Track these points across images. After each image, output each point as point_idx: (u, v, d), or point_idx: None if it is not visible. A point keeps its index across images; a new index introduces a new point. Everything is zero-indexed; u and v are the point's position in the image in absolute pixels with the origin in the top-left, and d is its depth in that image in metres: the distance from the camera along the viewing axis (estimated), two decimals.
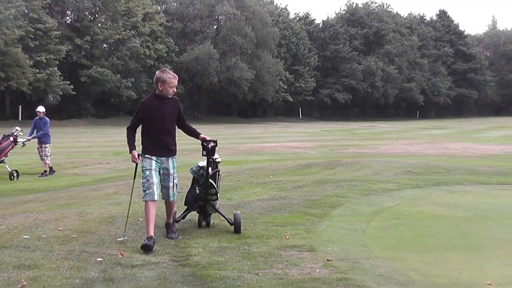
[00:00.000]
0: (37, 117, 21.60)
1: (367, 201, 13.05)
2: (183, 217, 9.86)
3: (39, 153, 21.44)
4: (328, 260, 7.94)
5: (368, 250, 8.74)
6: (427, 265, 8.01)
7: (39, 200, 13.80)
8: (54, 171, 21.49)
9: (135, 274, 7.27)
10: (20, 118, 68.64)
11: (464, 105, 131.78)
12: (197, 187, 9.77)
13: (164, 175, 8.99)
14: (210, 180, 9.54)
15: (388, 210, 12.27)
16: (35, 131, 21.52)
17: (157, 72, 8.90)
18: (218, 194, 9.88)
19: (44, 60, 68.32)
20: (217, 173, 9.88)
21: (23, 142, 21.05)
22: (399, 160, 22.87)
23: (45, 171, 21.12)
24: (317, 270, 7.49)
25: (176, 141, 9.18)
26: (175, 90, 8.96)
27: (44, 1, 71.71)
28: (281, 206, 11.94)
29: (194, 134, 9.37)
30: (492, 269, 7.87)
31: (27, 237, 9.11)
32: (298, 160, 24.23)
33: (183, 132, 9.52)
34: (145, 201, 8.74)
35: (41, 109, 21.76)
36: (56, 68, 69.93)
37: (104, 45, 78.09)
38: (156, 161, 8.83)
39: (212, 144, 9.34)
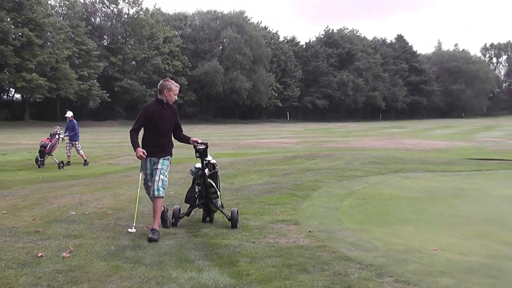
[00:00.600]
0: (68, 120, 21.50)
1: (340, 185, 13.06)
2: (187, 214, 8.72)
3: (67, 147, 21.31)
4: (309, 231, 7.95)
5: (341, 224, 8.76)
6: (387, 235, 8.03)
7: (83, 184, 13.81)
8: (70, 164, 21.00)
9: (157, 242, 7.30)
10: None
11: (417, 110, 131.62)
12: (196, 186, 8.62)
13: (152, 171, 7.91)
14: (209, 180, 8.44)
15: (357, 192, 12.28)
16: (68, 131, 21.41)
17: (162, 81, 8.17)
18: (219, 193, 8.65)
19: (86, 74, 69.18)
20: (216, 173, 8.67)
21: (62, 138, 21.05)
22: (366, 152, 22.91)
23: (85, 160, 21.04)
24: (301, 240, 7.51)
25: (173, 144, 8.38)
26: (176, 98, 8.28)
27: (86, 28, 73.20)
28: (273, 189, 11.94)
29: (186, 140, 8.30)
30: (437, 238, 7.91)
31: (74, 213, 9.17)
32: (286, 153, 24.23)
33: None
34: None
35: (69, 114, 21.66)
36: (95, 80, 70.69)
37: (133, 62, 78.28)
38: (149, 162, 7.91)
39: (202, 146, 8.31)
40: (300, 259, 6.45)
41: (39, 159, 19.71)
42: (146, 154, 7.80)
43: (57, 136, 20.66)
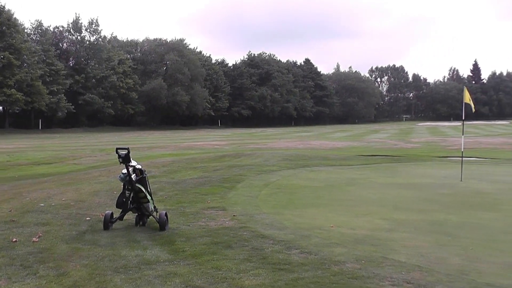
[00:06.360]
0: None
1: (259, 178, 13.19)
2: (120, 218, 7.30)
3: None
4: (234, 215, 8.02)
5: (259, 209, 8.85)
6: (295, 217, 8.19)
7: (51, 181, 13.43)
8: None
9: (111, 227, 7.20)
10: (40, 127, 69.16)
11: (321, 117, 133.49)
12: (127, 191, 7.19)
13: None
14: (138, 185, 7.13)
15: (273, 183, 12.43)
16: None
17: None
18: (149, 197, 7.29)
19: (56, 89, 68.55)
20: (145, 178, 7.31)
21: None
22: (280, 152, 23.16)
23: None
24: (227, 222, 7.57)
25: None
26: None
27: (56, 52, 73.83)
28: (205, 182, 11.97)
29: None
30: (334, 218, 8.12)
31: (43, 205, 8.99)
32: (217, 152, 24.22)
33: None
34: None
35: None
36: (63, 95, 70.03)
37: (93, 80, 76.67)
38: None
39: (124, 152, 6.98)
40: (226, 238, 6.53)
41: None
42: None
43: None
